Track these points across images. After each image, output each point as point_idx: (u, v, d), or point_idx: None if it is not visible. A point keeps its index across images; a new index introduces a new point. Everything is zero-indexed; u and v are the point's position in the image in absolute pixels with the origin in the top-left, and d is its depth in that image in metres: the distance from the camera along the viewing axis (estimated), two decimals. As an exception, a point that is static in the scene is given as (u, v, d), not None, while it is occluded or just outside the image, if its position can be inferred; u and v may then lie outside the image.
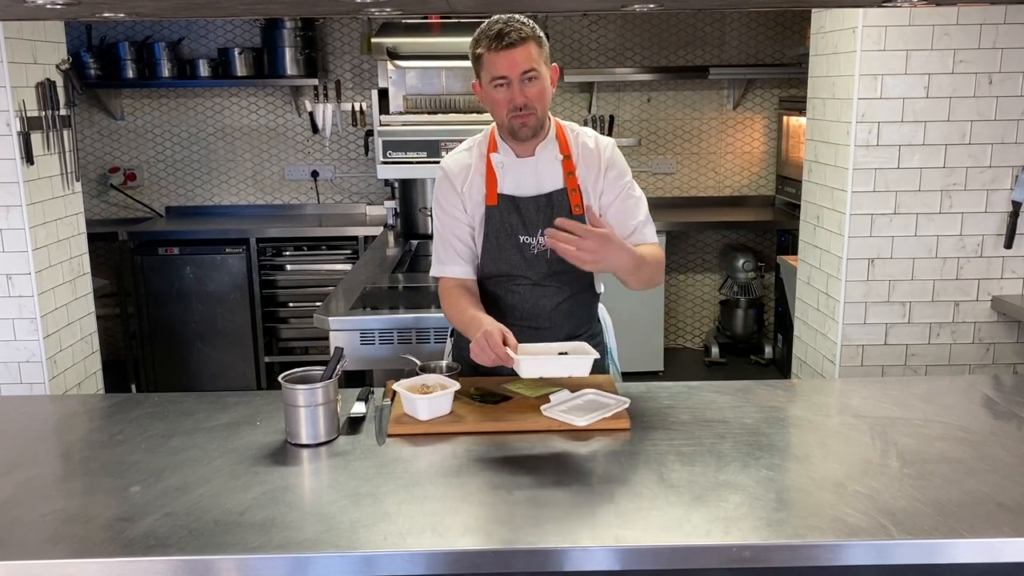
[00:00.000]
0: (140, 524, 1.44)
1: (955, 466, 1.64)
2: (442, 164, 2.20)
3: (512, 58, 1.96)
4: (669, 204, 5.50)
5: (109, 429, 1.91)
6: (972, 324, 3.17)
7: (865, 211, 3.08)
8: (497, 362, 1.86)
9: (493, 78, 1.99)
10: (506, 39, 1.95)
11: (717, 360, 5.39)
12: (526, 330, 2.11)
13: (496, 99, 2.02)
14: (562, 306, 2.17)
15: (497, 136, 2.14)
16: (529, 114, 2.01)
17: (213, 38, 5.20)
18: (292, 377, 1.80)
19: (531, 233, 2.11)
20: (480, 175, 2.14)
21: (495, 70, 1.98)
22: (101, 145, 5.33)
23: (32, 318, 3.00)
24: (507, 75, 1.97)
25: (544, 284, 2.15)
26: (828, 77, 3.23)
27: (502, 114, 2.03)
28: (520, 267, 2.13)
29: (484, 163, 2.14)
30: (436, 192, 2.19)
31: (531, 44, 1.97)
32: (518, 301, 2.16)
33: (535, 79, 1.99)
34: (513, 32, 1.95)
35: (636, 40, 5.32)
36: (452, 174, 2.16)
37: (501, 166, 2.12)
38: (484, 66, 2.00)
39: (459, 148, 2.21)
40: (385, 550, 1.36)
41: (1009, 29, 2.94)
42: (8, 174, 2.92)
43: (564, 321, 2.18)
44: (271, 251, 4.93)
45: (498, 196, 2.12)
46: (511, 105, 2.00)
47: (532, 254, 2.13)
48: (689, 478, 1.59)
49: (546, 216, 2.08)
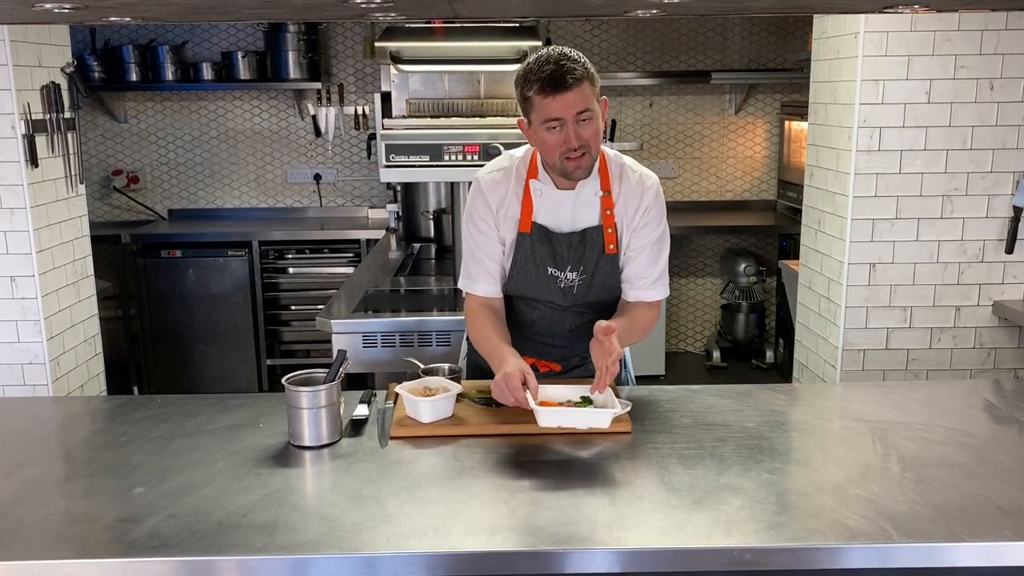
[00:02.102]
0: (143, 525, 1.44)
1: (956, 470, 1.65)
2: (478, 177, 2.11)
3: (566, 101, 1.86)
4: (671, 208, 5.36)
5: (112, 431, 1.92)
6: (973, 329, 3.17)
7: (866, 216, 3.08)
8: (516, 404, 1.84)
9: (546, 120, 1.89)
10: (561, 82, 1.84)
11: (718, 364, 5.39)
12: (542, 346, 2.13)
13: (548, 142, 1.92)
14: (581, 328, 2.14)
15: (540, 163, 2.05)
16: (583, 154, 1.92)
17: (217, 41, 5.22)
18: (295, 379, 1.81)
19: (560, 268, 2.06)
20: (516, 198, 2.05)
21: (548, 112, 1.88)
22: (104, 148, 5.34)
23: (36, 320, 3.01)
24: (562, 117, 1.88)
25: (568, 311, 2.13)
26: (830, 82, 3.24)
27: (554, 157, 1.94)
28: (545, 295, 2.10)
29: (522, 187, 2.05)
30: (470, 206, 2.10)
31: (585, 84, 1.87)
32: (538, 318, 2.14)
33: (590, 120, 1.91)
34: (568, 75, 1.85)
35: (638, 45, 5.33)
36: (488, 191, 2.07)
37: (539, 194, 2.04)
38: (535, 108, 1.90)
39: (496, 164, 2.13)
40: (387, 552, 1.37)
41: (1010, 35, 2.95)
42: (12, 177, 2.93)
43: (581, 341, 2.13)
44: (273, 254, 4.94)
45: (532, 224, 2.05)
46: (565, 147, 1.91)
47: (559, 287, 2.09)
48: (690, 481, 1.60)
49: (577, 253, 2.05)
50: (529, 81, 1.89)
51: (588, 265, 2.07)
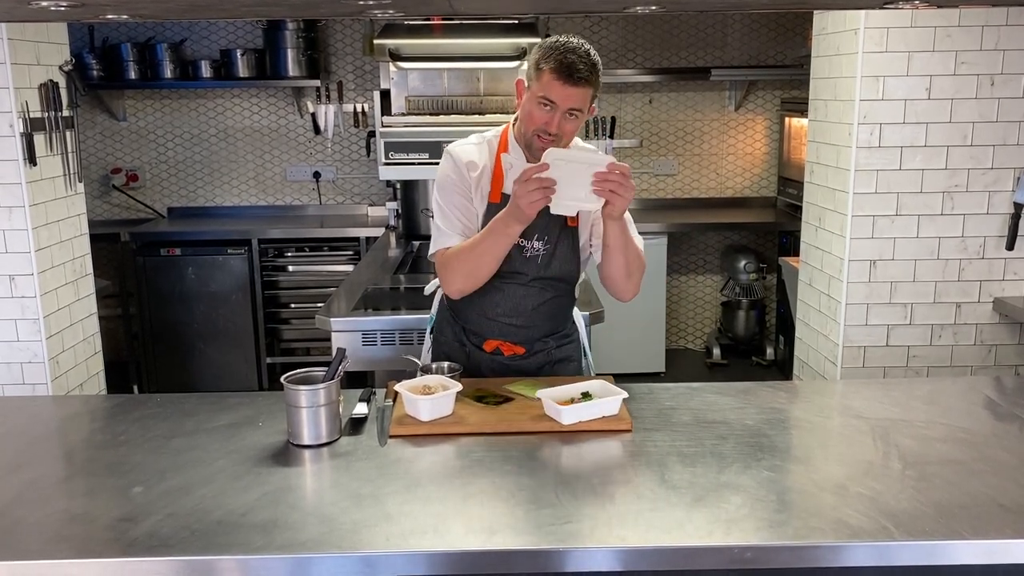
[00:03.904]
0: (142, 525, 1.44)
1: (956, 468, 1.64)
2: (449, 149, 2.18)
3: (568, 93, 1.97)
4: (670, 205, 5.50)
5: (111, 430, 1.91)
6: (974, 326, 3.17)
7: (867, 213, 3.08)
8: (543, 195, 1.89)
9: (543, 96, 1.99)
10: (574, 75, 1.95)
11: (718, 361, 5.39)
12: (505, 326, 2.18)
13: (533, 114, 2.03)
14: (543, 307, 2.20)
15: (511, 138, 2.16)
16: (552, 141, 2.02)
17: (215, 39, 5.21)
18: (294, 378, 1.81)
19: (527, 236, 2.11)
20: (488, 171, 2.15)
21: (548, 93, 1.98)
22: (103, 146, 5.34)
23: (35, 319, 3.01)
24: (556, 103, 1.99)
25: (530, 285, 2.18)
26: (830, 78, 3.24)
27: (530, 129, 2.05)
28: (511, 266, 2.14)
29: (493, 161, 2.16)
30: (441, 174, 2.17)
31: (589, 88, 1.99)
32: (501, 298, 2.18)
33: (576, 118, 2.02)
34: (584, 71, 1.96)
35: (638, 41, 5.32)
36: (460, 161, 2.15)
37: (510, 167, 2.12)
38: (541, 82, 2.00)
39: (467, 140, 2.22)
40: (387, 551, 1.36)
41: (1011, 31, 2.94)
42: (11, 175, 2.92)
43: (543, 321, 2.22)
44: (273, 252, 4.93)
45: (502, 195, 2.12)
46: (542, 126, 2.01)
47: (524, 256, 2.15)
48: (691, 479, 1.59)
49: (544, 222, 2.08)
50: (549, 56, 1.98)
51: (551, 236, 2.15)
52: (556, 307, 2.24)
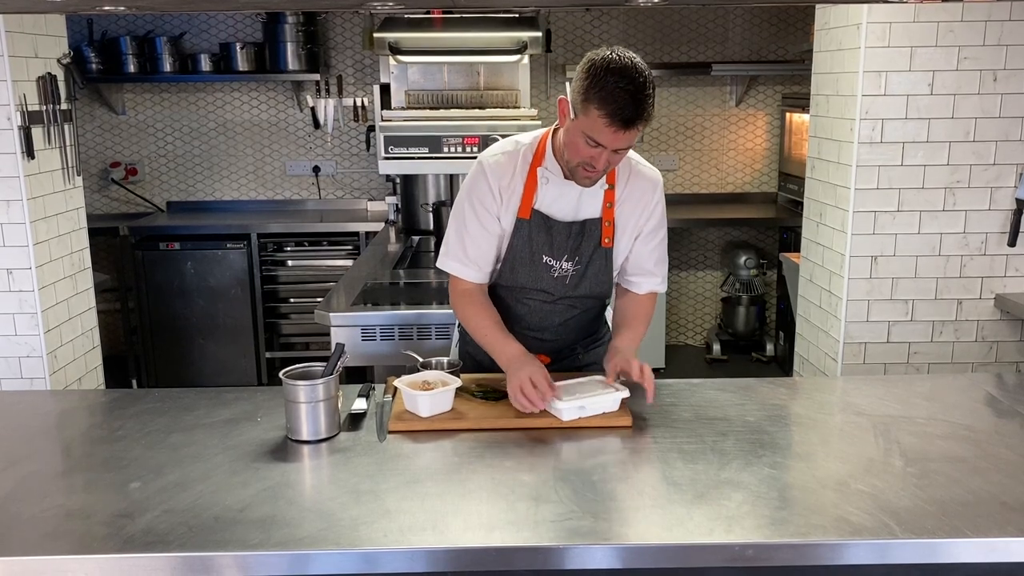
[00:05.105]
0: (140, 520, 1.43)
1: (958, 465, 1.64)
2: (482, 159, 2.05)
3: (619, 137, 1.81)
4: (671, 201, 5.38)
5: (109, 425, 1.90)
6: (975, 322, 3.16)
7: (868, 208, 3.07)
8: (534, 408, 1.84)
9: (590, 137, 1.83)
10: (628, 124, 1.78)
11: (719, 357, 5.38)
12: (532, 340, 2.10)
13: (578, 147, 1.87)
14: (570, 321, 2.15)
15: (549, 151, 2.02)
16: (599, 175, 1.93)
17: (215, 33, 5.19)
18: (293, 373, 1.80)
19: (556, 256, 2.05)
20: (521, 183, 2.02)
21: (597, 136, 1.82)
22: (102, 140, 5.32)
23: (33, 313, 3.00)
24: (606, 146, 1.84)
25: (557, 303, 2.12)
26: (832, 73, 3.22)
27: (574, 159, 1.91)
28: (537, 283, 2.08)
29: (527, 172, 2.02)
30: (471, 187, 2.04)
31: (646, 124, 1.83)
32: (526, 313, 2.13)
33: (623, 152, 1.90)
34: (639, 117, 1.79)
35: (639, 36, 5.30)
36: (492, 173, 2.02)
37: (546, 181, 2.02)
38: (589, 118, 1.81)
39: (500, 147, 2.07)
40: (386, 547, 1.36)
41: (1014, 26, 2.93)
42: (9, 168, 2.91)
43: (570, 334, 2.17)
44: (272, 246, 4.92)
45: (532, 211, 2.03)
46: (588, 160, 1.88)
47: (552, 276, 2.07)
48: (691, 476, 1.59)
49: (575, 243, 2.04)
50: (602, 97, 1.78)
51: (583, 256, 2.07)
52: (585, 320, 2.18)
